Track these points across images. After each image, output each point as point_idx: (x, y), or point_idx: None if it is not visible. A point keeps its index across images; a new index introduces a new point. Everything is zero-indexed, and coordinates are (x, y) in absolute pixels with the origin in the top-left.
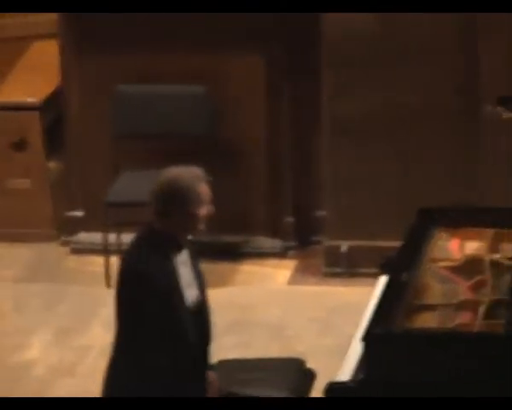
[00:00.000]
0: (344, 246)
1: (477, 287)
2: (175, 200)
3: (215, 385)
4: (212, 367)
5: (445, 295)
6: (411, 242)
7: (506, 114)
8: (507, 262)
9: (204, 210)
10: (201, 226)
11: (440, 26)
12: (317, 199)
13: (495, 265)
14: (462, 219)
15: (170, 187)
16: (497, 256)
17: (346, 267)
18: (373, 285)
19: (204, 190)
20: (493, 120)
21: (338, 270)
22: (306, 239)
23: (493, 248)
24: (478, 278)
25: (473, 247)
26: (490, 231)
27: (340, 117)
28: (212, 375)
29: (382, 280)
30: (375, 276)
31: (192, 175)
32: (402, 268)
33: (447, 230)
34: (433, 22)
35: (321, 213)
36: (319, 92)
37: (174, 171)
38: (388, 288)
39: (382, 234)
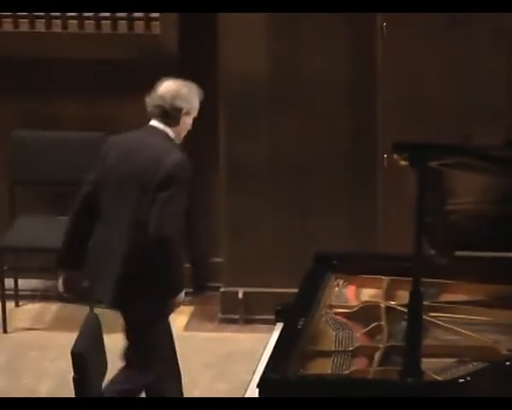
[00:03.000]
0: (240, 292)
1: (373, 334)
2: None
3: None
4: None
5: (341, 342)
6: (308, 288)
7: (402, 162)
8: (402, 309)
9: None
10: None
11: (334, 76)
12: (214, 245)
13: (391, 311)
14: (358, 265)
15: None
16: (392, 303)
17: (243, 314)
18: (269, 332)
19: None
20: (390, 167)
21: (234, 316)
22: (203, 285)
23: (389, 296)
24: (374, 324)
25: (369, 294)
26: (386, 279)
27: (236, 164)
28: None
29: (279, 327)
30: (272, 323)
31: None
32: (298, 314)
33: (344, 276)
34: (328, 74)
35: (217, 259)
36: (216, 140)
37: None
38: (284, 334)
39: (279, 281)
